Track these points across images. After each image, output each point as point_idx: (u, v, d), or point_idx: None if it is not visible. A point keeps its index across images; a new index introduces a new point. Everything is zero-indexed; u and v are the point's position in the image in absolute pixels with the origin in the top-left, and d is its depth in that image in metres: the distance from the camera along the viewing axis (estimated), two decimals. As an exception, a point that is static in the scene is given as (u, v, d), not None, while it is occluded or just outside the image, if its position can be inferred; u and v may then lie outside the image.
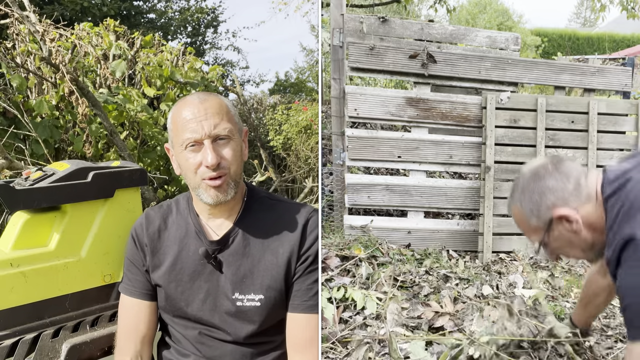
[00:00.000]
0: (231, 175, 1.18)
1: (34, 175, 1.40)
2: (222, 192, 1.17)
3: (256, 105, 7.12)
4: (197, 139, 1.15)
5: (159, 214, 1.31)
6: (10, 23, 3.63)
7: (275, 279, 1.21)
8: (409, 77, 2.97)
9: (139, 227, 1.30)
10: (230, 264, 1.22)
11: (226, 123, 1.18)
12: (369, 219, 2.86)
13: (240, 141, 1.23)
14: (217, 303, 1.23)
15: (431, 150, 2.92)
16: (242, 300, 1.21)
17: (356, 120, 2.96)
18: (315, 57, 13.29)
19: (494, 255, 2.80)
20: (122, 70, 3.52)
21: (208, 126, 1.15)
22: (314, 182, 4.43)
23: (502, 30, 9.39)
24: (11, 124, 3.02)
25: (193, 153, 1.16)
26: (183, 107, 1.19)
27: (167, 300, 1.27)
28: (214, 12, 11.63)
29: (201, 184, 1.17)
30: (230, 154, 1.17)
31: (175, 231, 1.28)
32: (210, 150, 1.14)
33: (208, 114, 1.16)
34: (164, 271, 1.25)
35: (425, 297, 2.15)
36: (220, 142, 1.17)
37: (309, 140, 5.44)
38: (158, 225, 1.28)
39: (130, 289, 1.30)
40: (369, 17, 2.95)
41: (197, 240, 1.25)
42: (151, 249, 1.27)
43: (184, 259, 1.25)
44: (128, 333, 1.29)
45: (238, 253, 1.23)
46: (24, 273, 1.29)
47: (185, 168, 1.19)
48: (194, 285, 1.24)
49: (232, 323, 1.23)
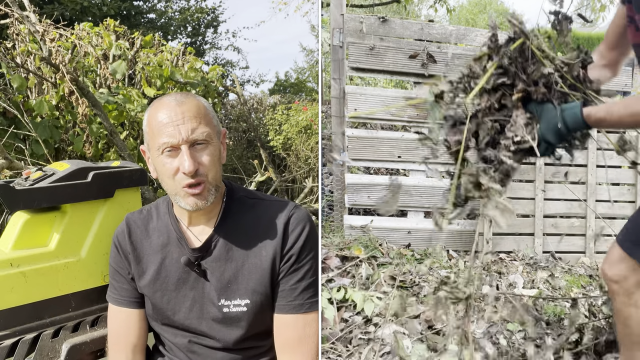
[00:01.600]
0: (210, 181, 1.14)
1: (34, 175, 1.40)
2: (201, 199, 1.13)
3: (256, 105, 7.13)
4: (173, 144, 1.10)
5: (140, 220, 1.27)
6: (10, 23, 3.63)
7: (260, 282, 1.18)
8: (409, 77, 2.97)
9: (121, 234, 1.27)
10: (214, 270, 1.19)
11: (204, 127, 1.13)
12: (369, 219, 2.86)
13: (219, 144, 1.19)
14: (203, 310, 1.21)
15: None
16: (228, 306, 1.19)
17: (356, 120, 2.96)
18: (315, 57, 13.30)
19: (494, 255, 2.80)
20: (122, 71, 3.52)
21: (185, 131, 1.10)
22: (314, 182, 4.43)
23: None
24: (11, 124, 3.02)
25: (170, 158, 1.12)
26: (159, 108, 1.14)
27: (154, 309, 1.25)
28: (214, 12, 11.64)
29: (179, 191, 1.13)
30: (208, 160, 1.13)
31: (157, 238, 1.24)
32: (187, 156, 1.09)
33: (185, 118, 1.11)
34: (148, 280, 1.23)
35: (425, 297, 2.15)
36: (198, 147, 1.12)
37: (309, 140, 5.44)
38: (140, 232, 1.26)
39: (117, 297, 1.27)
40: (369, 17, 2.95)
41: (179, 248, 1.22)
42: (134, 256, 1.24)
43: (167, 267, 1.22)
44: (118, 343, 1.27)
45: (221, 259, 1.19)
46: (24, 273, 1.28)
47: (162, 173, 1.15)
48: (180, 293, 1.22)
49: (220, 329, 1.20)
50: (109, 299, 1.30)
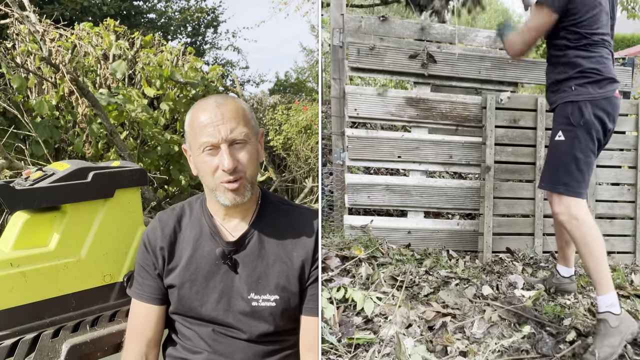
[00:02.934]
0: (247, 178, 1.21)
1: (34, 175, 1.40)
2: (239, 194, 1.20)
3: (256, 105, 7.12)
4: (213, 143, 1.17)
5: (173, 217, 1.32)
6: (10, 23, 3.63)
7: (289, 281, 1.24)
8: (409, 77, 2.97)
9: (152, 231, 1.31)
10: (246, 264, 1.25)
11: (242, 127, 1.20)
12: (369, 219, 2.86)
13: (257, 144, 1.26)
14: (231, 303, 1.25)
15: (431, 150, 2.92)
16: (257, 300, 1.24)
17: (356, 120, 2.96)
18: (315, 57, 13.29)
19: (494, 255, 2.80)
20: (122, 70, 3.52)
21: (225, 131, 1.17)
22: (314, 182, 4.43)
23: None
24: (11, 124, 3.02)
25: (210, 156, 1.18)
26: (200, 110, 1.21)
27: (180, 302, 1.28)
28: (214, 12, 11.64)
29: (219, 187, 1.20)
30: (246, 158, 1.20)
31: (189, 232, 1.30)
32: (226, 154, 1.17)
33: (225, 119, 1.18)
34: (178, 272, 1.27)
35: (425, 297, 2.15)
36: (237, 146, 1.19)
37: (309, 140, 5.44)
38: (173, 227, 1.30)
39: (139, 292, 1.32)
40: (369, 17, 2.95)
41: (211, 241, 1.27)
42: (168, 251, 1.29)
43: (198, 259, 1.27)
44: (135, 335, 1.31)
45: (254, 254, 1.26)
46: (24, 273, 1.29)
47: (202, 170, 1.22)
48: (209, 285, 1.26)
49: (247, 322, 1.25)
50: (131, 294, 1.34)
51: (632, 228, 2.94)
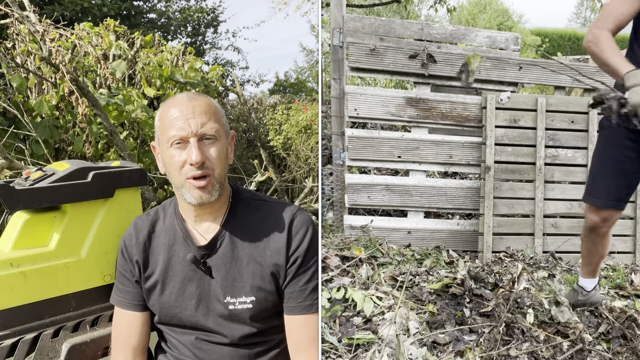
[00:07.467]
0: (215, 176, 1.17)
1: (34, 175, 1.40)
2: (206, 192, 1.16)
3: (256, 105, 7.12)
4: (183, 136, 1.14)
5: (147, 222, 1.29)
6: (10, 23, 3.63)
7: (264, 280, 1.21)
8: (409, 77, 2.97)
9: (128, 238, 1.29)
10: (220, 267, 1.22)
11: (213, 123, 1.17)
12: (369, 219, 2.86)
13: (227, 143, 1.22)
14: (209, 307, 1.23)
15: (431, 150, 2.92)
16: (234, 303, 1.21)
17: (356, 120, 2.96)
18: (315, 57, 13.29)
19: (494, 255, 2.80)
20: (122, 70, 3.52)
21: (195, 124, 1.14)
22: (314, 182, 4.43)
23: (502, 30, 9.37)
24: (11, 124, 3.02)
25: (178, 150, 1.15)
26: (171, 105, 1.19)
27: (161, 310, 1.26)
28: (214, 12, 11.64)
29: (185, 184, 1.16)
30: (215, 154, 1.17)
31: (163, 238, 1.27)
32: (195, 148, 1.13)
33: (196, 113, 1.15)
34: (155, 279, 1.25)
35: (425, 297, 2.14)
36: (206, 141, 1.16)
37: (309, 140, 5.44)
38: (147, 234, 1.27)
39: (120, 300, 1.29)
40: (369, 17, 2.96)
41: (185, 246, 1.24)
42: (143, 259, 1.26)
43: (174, 265, 1.24)
44: (120, 345, 1.29)
45: (226, 257, 1.22)
46: (24, 273, 1.28)
47: (169, 166, 1.18)
48: (186, 290, 1.24)
49: (227, 325, 1.23)
50: (113, 301, 1.32)
51: (632, 228, 2.94)
